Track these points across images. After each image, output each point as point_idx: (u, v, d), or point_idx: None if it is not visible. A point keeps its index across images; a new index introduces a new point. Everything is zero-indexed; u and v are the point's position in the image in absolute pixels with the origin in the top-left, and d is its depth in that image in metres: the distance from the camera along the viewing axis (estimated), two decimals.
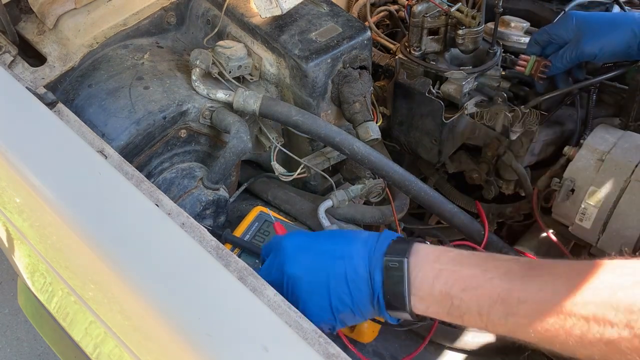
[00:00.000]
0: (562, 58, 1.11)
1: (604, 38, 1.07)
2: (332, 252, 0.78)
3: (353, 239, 0.78)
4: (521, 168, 1.27)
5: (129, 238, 0.78)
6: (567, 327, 0.63)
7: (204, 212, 1.03)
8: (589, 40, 1.08)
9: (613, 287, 0.62)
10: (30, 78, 1.06)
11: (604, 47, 1.07)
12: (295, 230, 1.01)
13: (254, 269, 0.76)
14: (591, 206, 1.06)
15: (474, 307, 0.69)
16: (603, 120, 1.23)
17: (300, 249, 0.80)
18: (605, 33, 1.07)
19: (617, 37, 1.06)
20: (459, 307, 0.70)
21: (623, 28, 1.06)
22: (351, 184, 1.15)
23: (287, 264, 0.78)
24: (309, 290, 0.76)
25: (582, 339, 0.62)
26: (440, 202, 1.04)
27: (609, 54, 1.08)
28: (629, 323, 0.59)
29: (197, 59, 1.04)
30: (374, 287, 0.74)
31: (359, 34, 1.08)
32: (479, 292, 0.69)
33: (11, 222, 1.03)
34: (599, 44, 1.07)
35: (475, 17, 1.14)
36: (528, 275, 0.68)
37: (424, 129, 1.24)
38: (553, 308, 0.64)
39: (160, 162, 1.03)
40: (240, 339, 0.67)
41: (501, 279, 0.69)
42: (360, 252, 0.76)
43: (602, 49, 1.07)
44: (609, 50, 1.07)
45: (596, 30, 1.08)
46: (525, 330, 0.66)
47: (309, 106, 1.07)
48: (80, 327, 1.01)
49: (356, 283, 0.75)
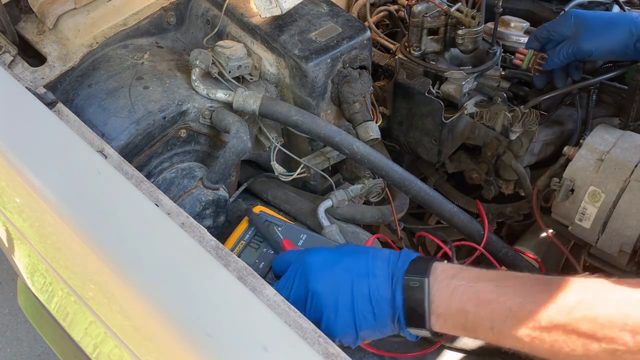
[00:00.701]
0: (559, 53, 1.12)
1: (601, 36, 1.08)
2: (357, 269, 0.79)
3: (375, 257, 0.80)
4: (521, 168, 1.27)
5: (129, 238, 0.78)
6: (569, 342, 0.65)
7: (204, 212, 1.03)
8: (587, 37, 1.09)
9: (620, 304, 0.63)
10: (30, 78, 1.06)
11: (600, 45, 1.08)
12: (296, 229, 1.01)
13: (253, 267, 0.76)
14: (591, 206, 1.06)
15: (487, 321, 0.71)
16: (603, 120, 1.23)
17: (324, 266, 0.81)
18: (603, 31, 1.08)
19: (614, 35, 1.07)
20: (474, 322, 0.72)
21: (620, 27, 1.07)
22: (351, 184, 1.15)
23: (311, 280, 0.79)
24: (334, 306, 0.78)
25: (587, 354, 0.64)
26: (439, 202, 1.05)
27: (605, 52, 1.09)
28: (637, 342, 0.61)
29: (196, 58, 1.04)
30: (396, 307, 0.76)
31: (358, 34, 1.08)
32: (492, 307, 0.71)
33: (11, 222, 1.03)
34: (596, 41, 1.08)
35: (475, 17, 1.14)
36: (540, 289, 0.69)
37: (424, 129, 1.24)
38: (558, 322, 0.66)
39: (160, 162, 1.03)
40: (240, 338, 0.67)
41: (514, 293, 0.70)
42: (383, 272, 0.78)
43: (599, 47, 1.08)
44: (605, 48, 1.08)
45: (594, 28, 1.09)
46: (533, 344, 0.68)
47: (308, 106, 1.07)
48: (80, 327, 1.01)
49: (379, 303, 0.77)
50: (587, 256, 1.14)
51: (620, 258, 1.07)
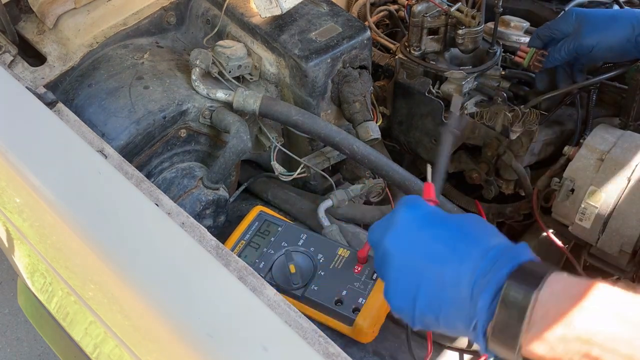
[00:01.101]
0: (560, 50, 1.12)
1: (603, 31, 1.07)
2: (443, 245, 0.66)
3: (476, 242, 0.65)
4: (521, 168, 1.27)
5: (129, 238, 0.78)
6: None
7: (204, 212, 1.03)
8: (588, 32, 1.08)
9: None
10: (30, 78, 1.06)
11: (601, 40, 1.07)
12: (296, 229, 1.01)
13: (254, 267, 0.76)
14: (591, 206, 1.06)
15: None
16: (603, 120, 1.23)
17: (412, 227, 0.69)
18: (605, 26, 1.07)
19: (615, 30, 1.06)
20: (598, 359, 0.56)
21: (622, 22, 1.06)
22: (351, 184, 1.15)
23: (390, 234, 0.69)
24: (398, 271, 0.67)
25: None
26: (439, 202, 1.04)
27: (606, 48, 1.08)
28: None
29: (197, 58, 1.04)
30: (476, 312, 0.61)
31: (358, 34, 1.08)
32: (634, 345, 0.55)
33: (11, 222, 1.03)
34: (597, 36, 1.07)
35: (475, 17, 1.14)
36: None
37: (424, 129, 1.24)
38: None
39: (160, 161, 1.03)
40: (240, 338, 0.67)
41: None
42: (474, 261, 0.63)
43: (600, 42, 1.07)
44: (606, 43, 1.07)
45: (595, 24, 1.08)
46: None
47: (308, 106, 1.07)
48: (80, 327, 1.01)
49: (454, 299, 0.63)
50: (588, 256, 1.14)
51: (621, 258, 1.07)
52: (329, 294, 0.91)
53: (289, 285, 0.92)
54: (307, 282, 0.93)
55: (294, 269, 0.93)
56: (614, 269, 1.11)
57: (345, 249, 0.97)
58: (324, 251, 0.96)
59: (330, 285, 0.92)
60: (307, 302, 0.91)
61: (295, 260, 0.95)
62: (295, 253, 0.96)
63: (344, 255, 0.96)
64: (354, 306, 0.90)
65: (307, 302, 0.91)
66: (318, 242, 0.98)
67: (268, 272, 0.95)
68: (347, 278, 0.93)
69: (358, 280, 0.92)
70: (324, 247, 0.97)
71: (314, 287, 0.92)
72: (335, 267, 0.94)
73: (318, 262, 0.95)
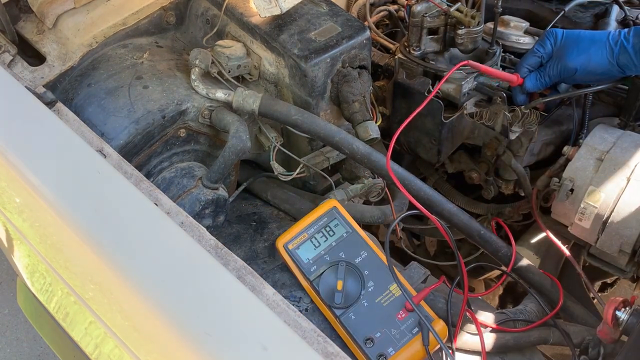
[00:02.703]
0: (546, 73, 1.12)
1: (584, 53, 1.08)
2: None
3: None
4: (520, 168, 1.27)
5: (128, 237, 0.78)
6: None
7: (203, 212, 1.03)
8: (571, 53, 1.09)
9: None
10: (30, 77, 1.06)
11: (584, 61, 1.08)
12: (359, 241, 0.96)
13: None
14: (590, 206, 1.06)
15: None
16: (602, 120, 1.23)
17: None
18: (585, 48, 1.08)
19: (595, 52, 1.07)
20: None
21: (599, 43, 1.07)
22: (350, 184, 1.15)
23: None
24: None
25: None
26: (439, 202, 1.04)
27: (588, 71, 1.08)
28: None
29: (196, 58, 1.04)
30: None
31: (358, 34, 1.08)
32: None
33: (11, 222, 1.03)
34: (580, 58, 1.08)
35: (474, 17, 1.14)
36: None
37: (424, 129, 1.24)
38: None
39: (160, 161, 1.03)
40: (239, 338, 0.67)
41: None
42: None
43: (583, 64, 1.08)
44: (589, 66, 1.08)
45: (578, 44, 1.09)
46: None
47: (308, 105, 1.07)
48: (80, 327, 1.01)
49: None
50: (587, 256, 1.14)
51: (620, 258, 1.07)
52: (363, 328, 0.87)
53: (330, 300, 0.89)
54: (348, 306, 0.89)
55: (340, 287, 0.89)
56: (614, 269, 1.11)
57: (398, 287, 0.89)
58: (377, 279, 0.91)
59: (367, 320, 0.88)
60: (340, 324, 0.88)
61: (345, 278, 0.90)
62: (349, 269, 0.91)
63: (395, 294, 0.90)
64: (381, 353, 0.85)
65: (340, 324, 0.88)
66: (375, 267, 0.92)
67: (317, 278, 0.91)
68: (388, 321, 0.88)
69: (397, 327, 0.88)
70: (379, 274, 0.91)
71: (352, 316, 0.88)
72: (381, 302, 0.89)
73: (367, 289, 0.90)
